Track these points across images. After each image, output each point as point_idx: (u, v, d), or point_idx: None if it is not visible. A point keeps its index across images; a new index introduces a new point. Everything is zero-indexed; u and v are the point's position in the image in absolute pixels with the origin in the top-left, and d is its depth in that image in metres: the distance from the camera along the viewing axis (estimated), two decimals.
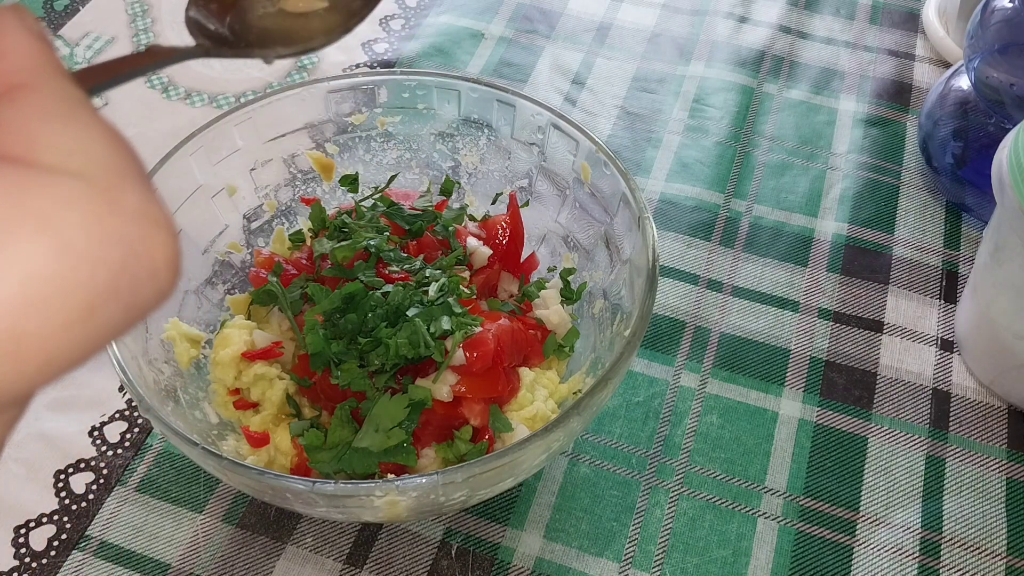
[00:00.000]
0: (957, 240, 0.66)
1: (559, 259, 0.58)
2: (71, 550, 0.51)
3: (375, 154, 0.59)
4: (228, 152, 0.55)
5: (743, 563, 0.51)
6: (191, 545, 0.51)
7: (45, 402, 0.57)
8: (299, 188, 0.59)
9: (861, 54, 0.78)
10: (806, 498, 0.53)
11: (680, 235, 0.65)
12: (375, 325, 0.48)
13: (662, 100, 0.74)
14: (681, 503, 0.53)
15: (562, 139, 0.55)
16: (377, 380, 0.47)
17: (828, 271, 0.64)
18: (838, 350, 0.59)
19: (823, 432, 0.56)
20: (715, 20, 0.81)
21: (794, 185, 0.69)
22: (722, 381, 0.58)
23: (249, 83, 0.75)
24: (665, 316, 0.61)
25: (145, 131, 0.71)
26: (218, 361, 0.51)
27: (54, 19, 0.79)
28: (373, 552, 0.51)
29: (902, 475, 0.54)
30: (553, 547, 0.51)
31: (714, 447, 0.55)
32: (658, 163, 0.70)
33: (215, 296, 0.55)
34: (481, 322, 0.49)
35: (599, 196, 0.54)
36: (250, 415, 0.51)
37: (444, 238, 0.55)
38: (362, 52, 0.78)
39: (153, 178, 0.50)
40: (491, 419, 0.48)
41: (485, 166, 0.59)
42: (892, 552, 0.51)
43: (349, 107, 0.57)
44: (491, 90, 0.56)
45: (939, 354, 0.59)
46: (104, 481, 0.53)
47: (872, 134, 0.72)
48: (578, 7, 0.82)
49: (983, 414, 0.57)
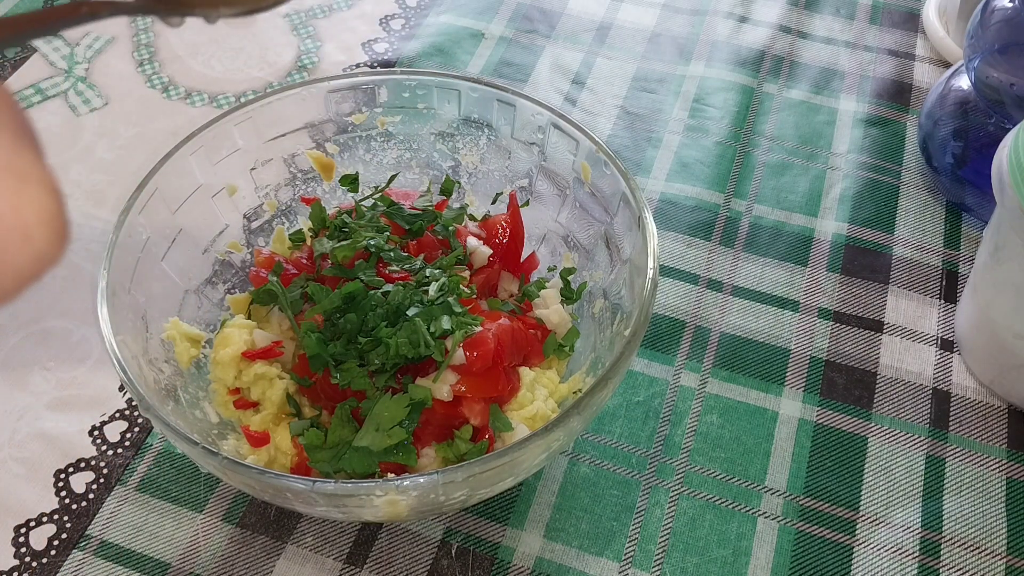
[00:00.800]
0: (957, 240, 0.66)
1: (559, 259, 0.58)
2: (71, 549, 0.51)
3: (375, 154, 0.59)
4: (228, 152, 0.55)
5: (743, 563, 0.51)
6: (191, 545, 0.51)
7: (45, 401, 0.57)
8: (299, 188, 0.59)
9: (861, 54, 0.78)
10: (806, 498, 0.53)
11: (680, 235, 0.65)
12: (375, 324, 0.48)
13: (662, 100, 0.74)
14: (681, 503, 0.53)
15: (562, 139, 0.55)
16: (377, 380, 0.47)
17: (828, 271, 0.64)
18: (838, 350, 0.60)
19: (823, 432, 0.56)
20: (715, 20, 0.81)
21: (794, 185, 0.69)
22: (722, 381, 0.58)
23: (249, 83, 0.75)
24: (665, 316, 0.61)
25: (145, 131, 0.72)
26: (218, 360, 0.51)
27: None
28: (373, 551, 0.51)
29: (902, 475, 0.54)
30: (553, 546, 0.51)
31: (714, 447, 0.55)
32: (658, 163, 0.70)
33: (215, 296, 0.55)
34: (481, 322, 0.49)
35: (599, 196, 0.54)
36: (250, 414, 0.51)
37: (444, 238, 0.55)
38: (362, 52, 0.78)
39: (153, 178, 0.51)
40: (491, 418, 0.48)
41: (485, 166, 0.59)
42: (892, 552, 0.51)
43: (349, 107, 0.57)
44: (491, 90, 0.56)
45: (939, 354, 0.59)
46: (104, 480, 0.53)
47: (872, 134, 0.72)
48: (578, 7, 0.82)
49: (983, 414, 0.57)
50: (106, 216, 0.66)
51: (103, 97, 0.74)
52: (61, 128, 0.71)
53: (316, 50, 0.78)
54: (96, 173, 0.69)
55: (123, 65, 0.76)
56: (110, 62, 0.76)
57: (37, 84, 0.74)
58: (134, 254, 0.49)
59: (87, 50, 0.77)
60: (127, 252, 0.49)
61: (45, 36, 0.23)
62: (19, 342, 0.59)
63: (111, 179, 0.68)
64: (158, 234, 0.51)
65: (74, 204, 0.67)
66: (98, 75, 0.75)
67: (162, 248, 0.52)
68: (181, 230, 0.53)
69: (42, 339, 0.59)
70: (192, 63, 0.77)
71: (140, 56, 0.77)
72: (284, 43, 0.78)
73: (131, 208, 0.49)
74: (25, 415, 0.56)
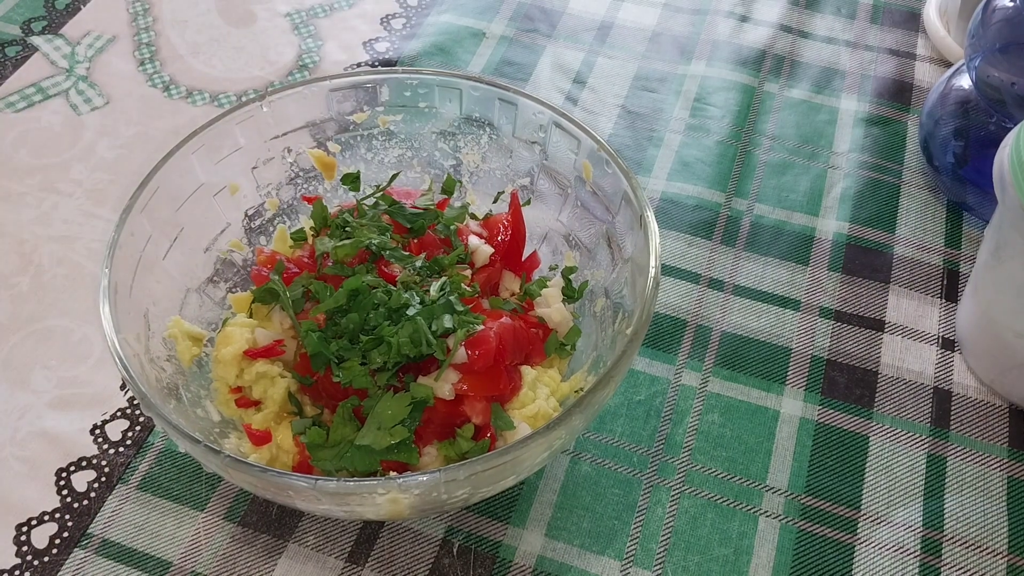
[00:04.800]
0: (958, 239, 0.66)
1: (561, 257, 0.58)
2: (73, 548, 0.51)
3: (377, 152, 0.59)
4: (230, 150, 0.55)
5: (744, 561, 0.51)
6: (193, 543, 0.51)
7: (47, 400, 0.57)
8: (301, 186, 0.59)
9: (862, 53, 0.78)
10: (807, 496, 0.53)
11: (681, 234, 0.65)
12: (377, 323, 0.48)
13: (663, 99, 0.74)
14: (682, 501, 0.53)
15: (564, 138, 0.55)
16: (379, 378, 0.47)
17: (829, 270, 0.64)
18: (839, 349, 0.60)
19: (824, 431, 0.56)
20: (716, 19, 0.81)
21: (795, 184, 0.69)
22: (723, 380, 0.58)
23: (251, 82, 0.75)
24: (666, 315, 0.61)
25: (147, 129, 0.72)
26: (220, 359, 0.51)
27: (55, 18, 0.80)
28: (375, 550, 0.51)
29: (903, 474, 0.54)
30: (555, 545, 0.51)
31: (715, 445, 0.55)
32: (659, 162, 0.70)
33: (217, 294, 0.55)
34: (483, 320, 0.49)
35: (601, 195, 0.54)
36: (252, 413, 0.51)
37: (446, 237, 0.55)
38: (363, 51, 0.78)
39: (155, 176, 0.51)
40: (493, 417, 0.48)
41: (487, 165, 0.59)
42: (893, 550, 0.51)
43: (351, 106, 0.57)
44: (493, 89, 0.56)
45: (940, 353, 0.59)
46: (106, 479, 0.53)
47: (873, 133, 0.72)
48: (579, 6, 0.82)
49: (984, 413, 0.57)
50: (107, 215, 0.66)
51: (104, 96, 0.74)
52: (62, 127, 0.71)
53: (317, 49, 0.78)
54: (97, 172, 0.69)
55: (124, 64, 0.76)
56: (111, 61, 0.76)
57: (38, 83, 0.74)
58: (136, 253, 0.50)
59: (88, 49, 0.77)
60: (129, 251, 0.49)
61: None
62: (20, 341, 0.59)
63: (112, 178, 0.68)
64: (160, 233, 0.51)
65: (75, 203, 0.67)
66: (99, 74, 0.75)
67: (164, 247, 0.52)
68: (183, 229, 0.53)
69: (43, 338, 0.59)
70: (193, 62, 0.77)
71: (141, 55, 0.77)
72: (285, 42, 0.79)
73: (132, 207, 0.49)
74: (27, 414, 0.56)
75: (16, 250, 0.64)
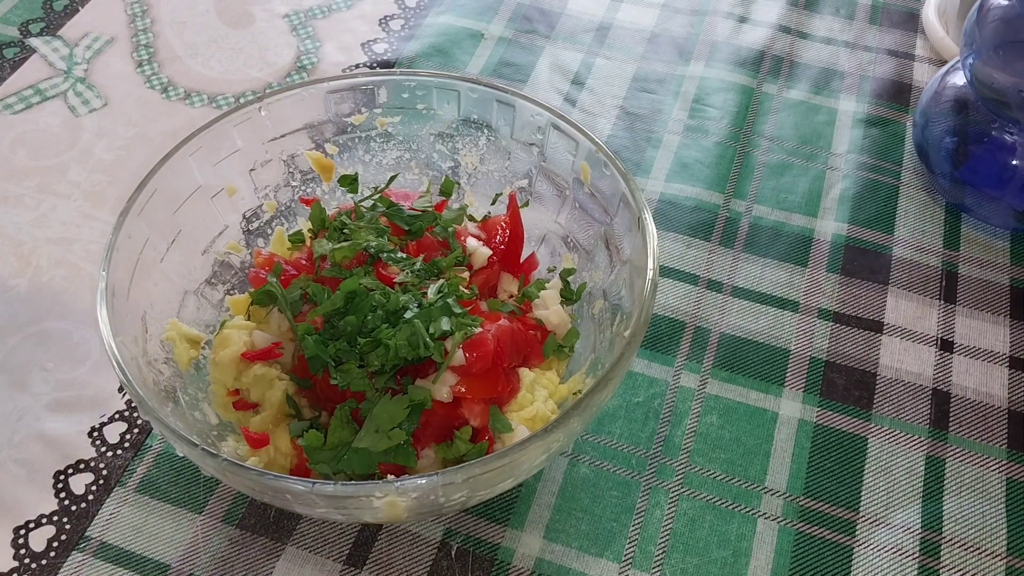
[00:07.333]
0: (957, 240, 0.66)
1: (559, 259, 0.58)
2: (71, 551, 0.51)
3: (375, 154, 0.59)
4: (228, 152, 0.55)
5: (743, 563, 0.51)
6: (191, 546, 0.51)
7: (45, 403, 0.57)
8: (299, 188, 0.59)
9: (861, 54, 0.78)
10: (806, 498, 0.53)
11: (680, 235, 0.65)
12: (375, 326, 0.48)
13: (662, 100, 0.74)
14: (681, 503, 0.53)
15: (562, 139, 0.55)
16: (377, 381, 0.47)
17: (828, 271, 0.64)
18: (838, 350, 0.59)
19: (823, 432, 0.56)
20: (715, 20, 0.81)
21: (794, 185, 0.69)
22: (722, 381, 0.58)
23: (249, 83, 0.75)
24: (665, 316, 0.61)
25: (145, 131, 0.71)
26: (218, 362, 0.51)
27: (53, 19, 0.79)
28: (373, 553, 0.51)
29: (902, 475, 0.54)
30: (553, 547, 0.51)
31: (714, 447, 0.55)
32: (658, 163, 0.70)
33: (215, 297, 0.55)
34: (481, 323, 0.49)
35: (599, 196, 0.54)
36: (250, 416, 0.51)
37: (444, 239, 0.55)
38: (362, 52, 0.78)
39: (152, 178, 0.51)
40: (491, 420, 0.48)
41: (485, 166, 0.59)
42: (892, 552, 0.51)
43: (349, 107, 0.57)
44: (491, 90, 0.56)
45: (939, 354, 0.59)
46: (104, 482, 0.53)
47: (872, 134, 0.72)
48: (578, 7, 0.82)
49: (983, 414, 0.57)
50: (105, 217, 0.66)
51: (102, 98, 0.74)
52: (60, 129, 0.71)
53: (315, 50, 0.78)
54: (95, 174, 0.69)
55: (122, 65, 0.76)
56: (109, 63, 0.76)
57: (36, 85, 0.74)
58: (133, 255, 0.49)
59: (86, 51, 0.77)
60: (126, 253, 0.49)
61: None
62: (18, 343, 0.59)
63: (110, 180, 0.68)
64: (157, 235, 0.51)
65: (73, 205, 0.67)
66: (97, 76, 0.75)
67: (161, 249, 0.52)
68: (180, 231, 0.53)
69: (42, 340, 0.59)
70: (191, 63, 0.77)
71: (139, 56, 0.77)
72: (283, 43, 0.78)
73: (130, 209, 0.49)
74: (25, 416, 0.56)
75: (14, 252, 0.64)
